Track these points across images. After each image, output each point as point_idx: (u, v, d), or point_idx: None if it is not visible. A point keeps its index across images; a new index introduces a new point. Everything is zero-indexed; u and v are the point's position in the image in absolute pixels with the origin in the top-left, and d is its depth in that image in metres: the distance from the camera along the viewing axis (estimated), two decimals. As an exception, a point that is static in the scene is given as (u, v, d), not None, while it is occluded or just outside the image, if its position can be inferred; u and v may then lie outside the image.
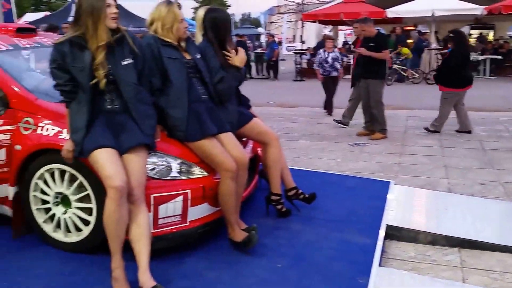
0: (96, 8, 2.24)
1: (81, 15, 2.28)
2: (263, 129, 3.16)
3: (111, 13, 2.28)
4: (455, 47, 6.11)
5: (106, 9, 2.26)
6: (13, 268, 2.52)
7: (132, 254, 2.32)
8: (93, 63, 2.28)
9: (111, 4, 2.29)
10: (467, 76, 6.09)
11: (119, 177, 2.22)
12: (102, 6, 2.25)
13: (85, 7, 2.25)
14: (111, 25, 2.30)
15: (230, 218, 2.71)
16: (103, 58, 2.29)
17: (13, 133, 2.71)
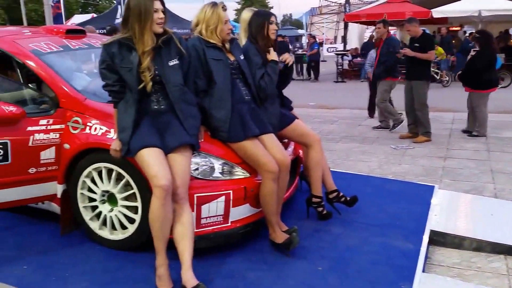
0: (143, 12, 2.28)
1: (129, 18, 2.33)
2: (305, 131, 3.13)
3: (158, 18, 2.32)
4: (481, 48, 6.02)
5: (153, 14, 2.30)
6: (60, 264, 2.62)
7: (175, 253, 2.35)
8: (140, 66, 2.32)
9: (158, 9, 2.32)
10: (492, 78, 5.96)
11: (165, 177, 2.26)
12: (150, 11, 2.29)
13: (133, 10, 2.30)
14: (157, 30, 2.34)
15: (271, 219, 2.70)
16: (148, 62, 2.33)
17: (62, 132, 2.81)
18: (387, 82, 6.37)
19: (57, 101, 2.85)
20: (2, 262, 2.62)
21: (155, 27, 2.33)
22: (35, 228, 3.08)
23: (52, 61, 3.01)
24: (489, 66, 5.89)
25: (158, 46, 2.37)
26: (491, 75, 5.93)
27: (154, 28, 2.33)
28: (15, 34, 3.35)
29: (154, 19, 2.31)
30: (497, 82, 6.08)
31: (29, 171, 2.74)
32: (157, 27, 2.33)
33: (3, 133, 2.62)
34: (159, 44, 2.37)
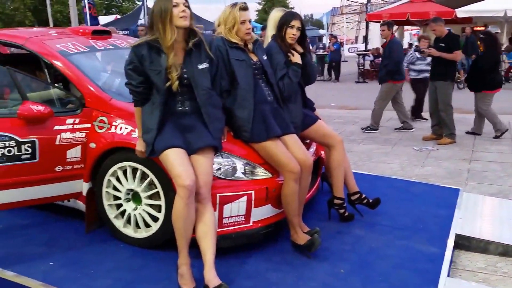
0: (164, 10, 2.30)
1: (153, 19, 2.35)
2: (328, 132, 3.11)
3: (180, 12, 2.31)
4: (486, 49, 6.04)
5: (173, 10, 2.30)
6: (85, 261, 2.67)
7: (197, 252, 2.37)
8: (170, 68, 2.33)
9: (178, 3, 2.31)
10: (496, 79, 5.96)
11: (188, 177, 2.28)
12: (169, 7, 2.29)
13: (155, 11, 2.32)
14: (181, 23, 2.32)
15: (293, 220, 2.70)
16: (174, 59, 2.34)
17: (88, 132, 2.87)
18: (388, 85, 6.40)
19: (83, 101, 2.90)
20: (30, 258, 2.69)
21: (178, 21, 2.32)
22: (61, 225, 3.15)
23: (78, 61, 3.07)
24: (494, 67, 5.86)
25: (189, 48, 2.39)
26: (496, 76, 5.89)
27: (177, 22, 2.32)
28: (43, 35, 3.43)
29: (175, 14, 2.30)
30: (500, 83, 6.07)
31: (56, 170, 2.80)
32: (181, 20, 2.32)
33: (31, 132, 2.69)
34: (190, 46, 2.38)
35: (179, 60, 2.39)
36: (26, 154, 2.67)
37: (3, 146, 2.59)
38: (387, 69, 6.42)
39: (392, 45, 6.42)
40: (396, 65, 6.38)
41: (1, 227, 3.12)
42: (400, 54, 6.47)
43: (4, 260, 2.65)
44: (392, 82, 6.42)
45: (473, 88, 6.04)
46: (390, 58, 6.38)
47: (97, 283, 2.43)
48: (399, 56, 6.45)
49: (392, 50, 6.39)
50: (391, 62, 6.36)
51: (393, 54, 6.36)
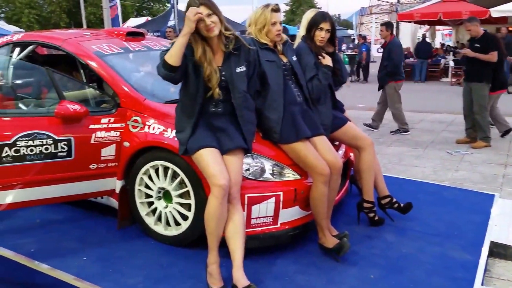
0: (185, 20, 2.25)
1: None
2: (358, 134, 3.07)
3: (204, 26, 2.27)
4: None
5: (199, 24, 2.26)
6: (117, 257, 2.73)
7: (226, 251, 2.39)
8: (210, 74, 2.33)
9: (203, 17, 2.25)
10: (500, 80, 5.81)
11: (223, 176, 2.30)
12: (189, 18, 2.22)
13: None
14: (209, 35, 2.32)
15: (321, 223, 2.68)
16: (210, 68, 2.33)
17: (122, 131, 2.94)
18: (391, 85, 6.38)
19: (118, 101, 2.97)
20: (64, 253, 2.77)
21: (205, 33, 2.31)
22: (94, 221, 3.23)
23: (113, 62, 3.15)
24: (496, 68, 5.74)
25: (228, 52, 2.40)
26: (499, 77, 5.78)
27: (206, 34, 2.31)
28: (79, 36, 3.54)
29: (201, 28, 2.28)
30: (504, 84, 6.02)
31: (91, 167, 2.88)
32: (208, 33, 2.30)
33: (68, 130, 2.77)
34: (229, 49, 2.40)
35: (218, 63, 2.40)
36: (62, 152, 2.75)
37: (41, 143, 2.68)
38: (387, 70, 6.42)
39: (392, 47, 6.40)
40: (395, 66, 6.39)
41: (38, 221, 3.23)
42: (399, 55, 6.47)
43: (40, 253, 2.75)
44: (394, 82, 6.42)
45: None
46: (389, 59, 6.38)
47: (128, 280, 2.48)
48: (399, 57, 6.46)
49: (391, 51, 6.39)
50: (390, 63, 6.37)
51: (392, 55, 6.37)
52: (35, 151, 2.66)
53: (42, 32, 3.91)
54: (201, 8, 2.26)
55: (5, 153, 2.59)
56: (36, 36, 3.64)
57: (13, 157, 2.62)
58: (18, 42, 3.66)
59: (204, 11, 2.27)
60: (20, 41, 3.66)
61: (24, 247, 2.80)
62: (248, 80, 2.51)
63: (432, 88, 11.79)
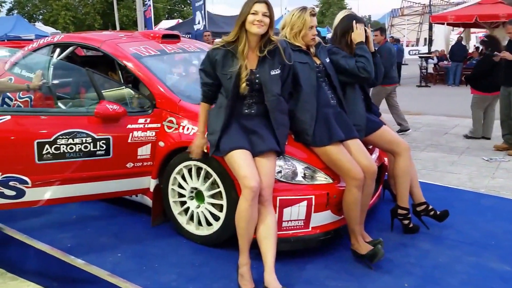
0: (241, 13, 2.35)
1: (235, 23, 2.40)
2: (393, 138, 3.01)
3: (255, 20, 2.34)
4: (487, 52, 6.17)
5: (249, 16, 2.34)
6: (151, 254, 2.78)
7: (256, 252, 2.39)
8: (240, 69, 2.38)
9: (258, 12, 2.33)
10: (495, 81, 5.92)
11: (254, 178, 2.31)
12: (246, 12, 2.34)
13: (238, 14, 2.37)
14: (253, 30, 2.35)
15: (354, 228, 2.64)
16: (250, 65, 2.38)
17: (158, 131, 2.99)
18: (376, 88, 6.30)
19: (154, 102, 3.03)
20: (100, 248, 2.85)
21: (250, 27, 2.35)
22: (128, 219, 3.30)
23: (150, 64, 3.22)
24: (492, 70, 5.92)
25: (264, 55, 2.41)
26: (494, 78, 5.90)
27: (249, 28, 2.35)
28: (117, 38, 3.63)
29: (249, 20, 2.34)
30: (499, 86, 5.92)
31: (127, 166, 2.95)
32: (253, 27, 2.34)
33: (107, 129, 2.84)
34: (264, 53, 2.41)
35: (252, 65, 2.42)
36: (101, 150, 2.83)
37: (81, 142, 2.76)
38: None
39: (381, 51, 6.28)
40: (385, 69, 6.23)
41: (74, 217, 3.33)
42: (389, 59, 6.36)
43: (76, 249, 2.83)
44: (380, 86, 6.30)
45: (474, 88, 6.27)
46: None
47: (162, 277, 2.52)
48: (389, 61, 6.34)
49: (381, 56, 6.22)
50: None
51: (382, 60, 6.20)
52: (74, 149, 2.75)
53: (81, 34, 4.04)
54: (262, 5, 2.34)
55: (45, 151, 2.68)
56: (76, 38, 3.76)
57: (53, 154, 2.70)
58: (58, 43, 3.80)
59: (263, 9, 2.34)
60: (61, 42, 3.80)
61: (61, 242, 2.89)
62: (282, 83, 2.51)
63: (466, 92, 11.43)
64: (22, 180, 2.68)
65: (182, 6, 39.79)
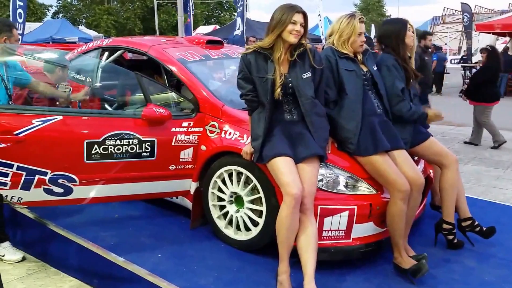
0: (281, 21, 2.36)
1: (269, 27, 2.43)
2: (441, 150, 2.91)
3: (294, 30, 2.36)
4: (487, 62, 6.40)
5: (289, 25, 2.36)
6: (190, 256, 2.80)
7: (293, 261, 2.38)
8: (275, 75, 2.40)
9: (297, 22, 2.37)
10: (494, 91, 6.29)
11: (296, 185, 2.30)
12: (286, 21, 2.36)
13: (275, 20, 2.39)
14: (290, 39, 2.38)
15: (398, 242, 2.57)
16: (280, 69, 2.40)
17: (200, 135, 3.03)
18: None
19: (198, 106, 3.08)
20: (140, 248, 2.90)
21: (288, 36, 2.37)
22: (168, 219, 3.35)
23: (195, 69, 3.27)
24: (491, 80, 6.21)
25: (294, 59, 2.42)
26: (493, 88, 6.24)
27: (287, 37, 2.38)
28: (163, 43, 3.71)
29: (288, 29, 2.36)
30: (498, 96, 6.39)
31: (170, 168, 3.00)
32: (291, 37, 2.37)
33: (152, 132, 2.91)
34: (294, 57, 2.42)
35: (284, 70, 2.44)
36: (146, 152, 2.89)
37: (127, 143, 2.84)
38: None
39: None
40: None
41: (117, 216, 3.41)
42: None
43: (117, 247, 2.88)
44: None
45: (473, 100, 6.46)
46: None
47: (200, 280, 2.54)
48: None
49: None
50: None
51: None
52: (121, 150, 2.82)
53: (129, 38, 4.16)
54: (300, 15, 2.38)
55: (94, 151, 2.77)
56: (124, 42, 3.88)
57: (101, 154, 2.79)
58: (107, 47, 3.93)
59: (301, 20, 2.38)
60: (109, 46, 3.92)
61: (103, 240, 2.96)
62: (316, 86, 2.50)
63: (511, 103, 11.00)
64: (70, 178, 2.78)
65: (219, 12, 40.39)
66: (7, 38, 3.15)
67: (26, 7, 10.64)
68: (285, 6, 2.42)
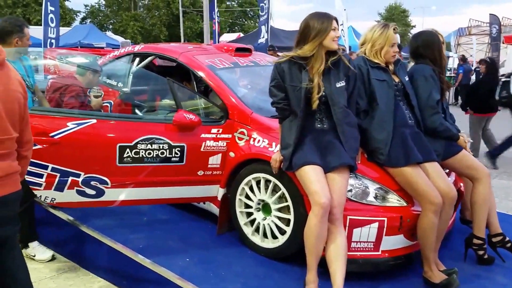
0: (322, 30, 2.36)
1: (305, 36, 2.41)
2: (473, 163, 2.86)
3: (335, 37, 2.39)
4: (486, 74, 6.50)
5: (331, 32, 2.37)
6: (217, 261, 2.82)
7: (320, 271, 2.37)
8: (310, 84, 2.40)
9: (336, 28, 2.39)
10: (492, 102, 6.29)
11: (325, 195, 2.30)
12: (328, 29, 2.37)
13: (314, 29, 2.38)
14: (332, 46, 2.40)
15: (429, 255, 2.53)
16: (319, 79, 2.40)
17: (229, 141, 3.06)
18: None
19: (227, 113, 3.11)
20: (168, 251, 2.93)
21: (330, 43, 2.39)
22: (194, 224, 3.38)
23: (224, 76, 3.31)
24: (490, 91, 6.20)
25: (328, 67, 2.43)
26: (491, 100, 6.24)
27: (329, 44, 2.39)
28: (193, 50, 3.77)
29: (331, 36, 2.37)
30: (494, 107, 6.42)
31: (198, 173, 3.04)
32: (333, 43, 2.39)
33: (182, 137, 2.95)
34: (328, 65, 2.42)
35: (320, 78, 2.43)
36: (176, 157, 2.94)
37: (158, 148, 2.89)
38: None
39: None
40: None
41: (145, 219, 3.47)
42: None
43: (146, 249, 2.92)
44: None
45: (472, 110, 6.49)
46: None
47: (228, 286, 2.55)
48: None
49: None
50: None
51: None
52: (152, 154, 2.87)
53: (159, 45, 4.25)
54: (335, 22, 2.41)
55: (126, 154, 2.83)
56: (155, 48, 3.96)
57: (133, 158, 2.85)
58: (138, 53, 4.02)
59: (336, 26, 2.42)
60: (140, 52, 4.01)
61: (133, 242, 3.01)
62: (348, 95, 2.49)
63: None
64: (103, 180, 2.84)
65: (243, 20, 40.72)
66: (19, 39, 3.00)
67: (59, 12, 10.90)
68: (320, 14, 2.43)
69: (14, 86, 1.74)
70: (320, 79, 2.40)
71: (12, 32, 2.99)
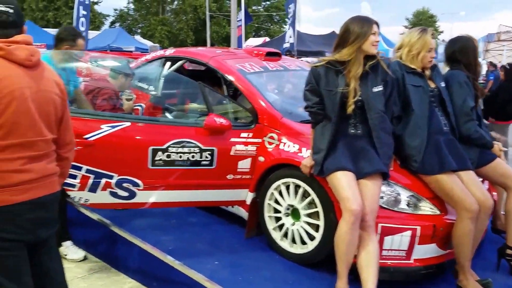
0: (362, 34, 2.34)
1: (345, 40, 2.39)
2: (508, 171, 2.78)
3: (375, 41, 2.36)
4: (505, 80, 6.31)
5: (371, 36, 2.35)
6: (245, 266, 2.83)
7: (351, 279, 2.34)
8: (346, 88, 2.38)
9: (376, 32, 2.37)
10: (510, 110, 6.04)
11: (356, 201, 2.27)
12: (368, 33, 2.34)
13: (354, 34, 2.35)
14: (372, 51, 2.37)
15: (464, 264, 2.47)
16: (356, 84, 2.37)
17: (258, 146, 3.07)
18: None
19: (257, 117, 3.12)
20: (198, 254, 2.96)
21: (370, 48, 2.37)
22: (223, 228, 3.40)
23: (254, 80, 3.33)
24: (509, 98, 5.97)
25: (365, 71, 2.40)
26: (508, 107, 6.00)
27: (368, 49, 2.37)
28: (223, 55, 3.81)
29: (370, 40, 2.35)
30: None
31: (227, 177, 3.05)
32: (372, 48, 2.37)
33: (212, 141, 2.98)
34: (366, 69, 2.40)
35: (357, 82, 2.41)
36: (206, 161, 2.97)
37: (189, 151, 2.92)
38: None
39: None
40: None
41: (174, 222, 3.51)
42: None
43: (175, 251, 2.94)
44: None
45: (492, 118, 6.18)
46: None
47: (256, 291, 2.56)
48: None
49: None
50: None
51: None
52: (183, 157, 2.91)
53: (189, 49, 4.32)
54: (376, 26, 2.38)
55: (158, 157, 2.88)
56: (186, 52, 4.02)
57: (165, 161, 2.89)
58: (169, 57, 4.08)
59: (377, 30, 2.39)
60: (171, 56, 4.07)
61: (163, 244, 3.04)
62: (386, 100, 2.45)
63: None
64: (135, 182, 2.89)
65: (269, 24, 40.82)
66: (69, 47, 3.11)
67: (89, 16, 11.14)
68: (360, 18, 2.42)
69: (48, 87, 1.68)
70: (357, 83, 2.37)
71: (64, 40, 3.12)
